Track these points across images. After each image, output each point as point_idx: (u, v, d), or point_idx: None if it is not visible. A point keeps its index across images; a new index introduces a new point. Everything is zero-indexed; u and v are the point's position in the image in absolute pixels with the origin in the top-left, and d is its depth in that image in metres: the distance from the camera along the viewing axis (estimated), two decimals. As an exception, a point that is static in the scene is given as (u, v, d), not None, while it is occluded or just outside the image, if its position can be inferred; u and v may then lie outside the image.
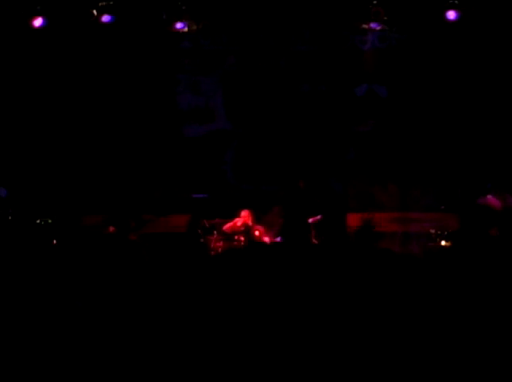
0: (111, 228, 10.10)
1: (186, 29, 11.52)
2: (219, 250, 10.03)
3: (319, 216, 10.18)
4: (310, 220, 10.15)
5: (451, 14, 11.05)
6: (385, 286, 5.70)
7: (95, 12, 11.05)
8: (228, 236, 10.17)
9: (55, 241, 10.34)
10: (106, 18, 11.12)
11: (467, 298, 5.36)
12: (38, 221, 10.49)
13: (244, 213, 10.35)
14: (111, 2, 10.98)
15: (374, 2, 11.10)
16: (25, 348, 4.51)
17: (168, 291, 5.59)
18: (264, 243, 9.66)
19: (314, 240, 10.08)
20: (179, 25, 11.42)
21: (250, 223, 10.26)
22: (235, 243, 10.07)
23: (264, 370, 4.21)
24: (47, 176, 11.46)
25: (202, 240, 10.22)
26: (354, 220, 10.94)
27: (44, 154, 11.53)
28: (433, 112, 11.62)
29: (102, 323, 4.92)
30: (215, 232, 10.26)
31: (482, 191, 10.26)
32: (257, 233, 10.18)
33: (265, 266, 5.37)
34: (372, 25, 11.33)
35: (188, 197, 11.44)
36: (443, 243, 10.20)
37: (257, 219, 10.48)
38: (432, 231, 10.37)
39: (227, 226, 10.29)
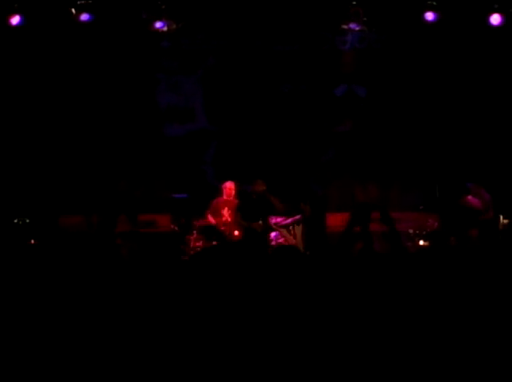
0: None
1: (165, 29, 11.46)
2: (198, 249, 9.94)
3: (297, 216, 10.14)
4: (289, 221, 10.07)
5: (429, 15, 11.13)
6: (363, 285, 5.72)
7: (73, 10, 10.98)
8: (207, 234, 10.04)
9: (32, 241, 10.27)
10: (84, 17, 11.06)
11: (445, 298, 5.40)
12: (16, 221, 10.41)
13: (229, 185, 10.22)
14: (90, 1, 10.93)
15: (354, 3, 11.14)
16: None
17: (149, 291, 5.58)
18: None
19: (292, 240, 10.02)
20: (158, 25, 11.37)
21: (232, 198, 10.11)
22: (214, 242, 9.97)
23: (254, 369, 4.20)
24: (24, 175, 11.38)
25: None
26: (334, 220, 10.99)
27: (22, 153, 11.45)
28: (412, 112, 11.70)
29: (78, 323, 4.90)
30: (195, 232, 10.17)
31: (462, 191, 10.32)
32: (236, 233, 10.11)
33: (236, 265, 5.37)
34: (351, 25, 11.36)
35: (168, 197, 11.39)
36: (421, 242, 10.27)
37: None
38: (411, 231, 10.43)
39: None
